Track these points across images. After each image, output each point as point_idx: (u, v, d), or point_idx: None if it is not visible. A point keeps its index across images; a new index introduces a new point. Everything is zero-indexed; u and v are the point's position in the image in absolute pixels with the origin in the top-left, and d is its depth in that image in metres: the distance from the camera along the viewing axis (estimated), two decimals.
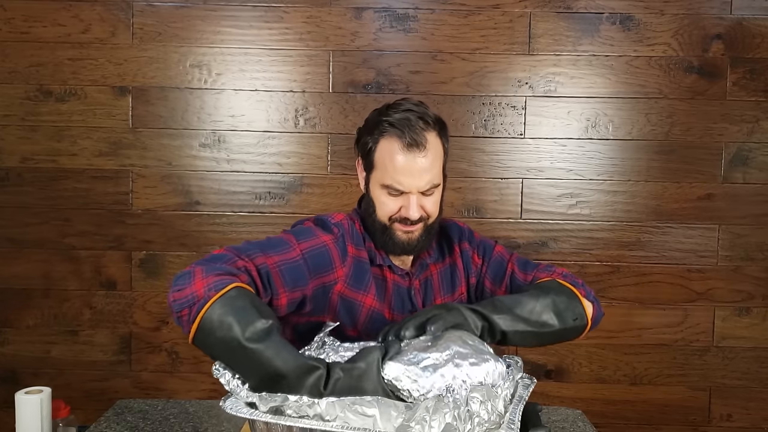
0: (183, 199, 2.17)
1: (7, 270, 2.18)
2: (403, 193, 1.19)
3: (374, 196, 1.23)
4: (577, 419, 1.43)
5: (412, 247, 1.23)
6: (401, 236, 1.21)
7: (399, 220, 1.20)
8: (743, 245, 2.18)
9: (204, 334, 0.95)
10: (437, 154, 1.21)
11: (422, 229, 1.22)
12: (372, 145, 1.22)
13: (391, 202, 1.20)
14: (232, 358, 0.93)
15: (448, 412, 0.80)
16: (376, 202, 1.22)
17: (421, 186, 1.18)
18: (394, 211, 1.20)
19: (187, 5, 2.14)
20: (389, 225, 1.22)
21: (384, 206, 1.21)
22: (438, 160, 1.21)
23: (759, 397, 2.21)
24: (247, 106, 2.16)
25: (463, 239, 1.35)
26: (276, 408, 0.85)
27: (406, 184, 1.18)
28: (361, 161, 1.26)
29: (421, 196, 1.20)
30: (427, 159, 1.18)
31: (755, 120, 2.16)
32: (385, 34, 2.15)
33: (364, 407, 0.81)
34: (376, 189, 1.22)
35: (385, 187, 1.20)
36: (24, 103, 2.15)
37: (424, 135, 1.18)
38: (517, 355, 1.06)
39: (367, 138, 1.23)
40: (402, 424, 0.79)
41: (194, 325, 0.96)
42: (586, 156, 2.17)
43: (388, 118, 1.20)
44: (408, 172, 1.17)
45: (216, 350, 0.95)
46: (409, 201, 1.19)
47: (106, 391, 2.19)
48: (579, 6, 2.14)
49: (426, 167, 1.18)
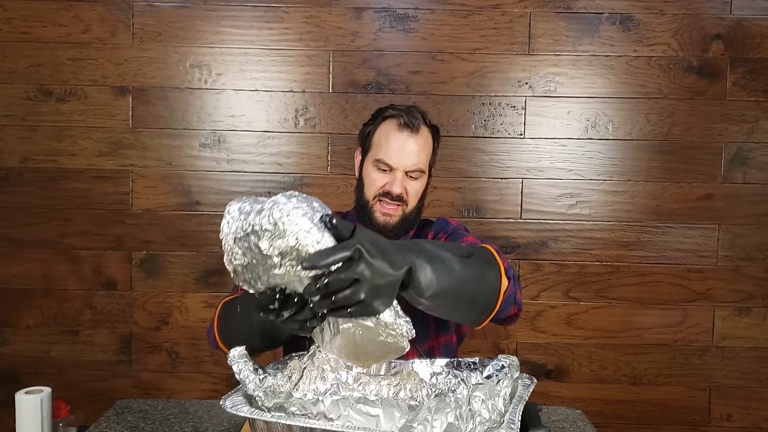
0: (183, 199, 2.17)
1: (7, 270, 2.18)
2: (392, 170, 1.32)
3: (365, 175, 1.36)
4: (577, 419, 1.43)
5: (388, 231, 1.33)
6: (380, 218, 1.33)
7: (382, 194, 1.32)
8: (743, 245, 2.18)
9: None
10: (427, 144, 1.34)
11: (400, 215, 1.33)
12: (372, 128, 1.37)
13: (379, 178, 1.33)
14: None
15: (449, 411, 0.80)
16: (366, 180, 1.35)
17: (408, 165, 1.31)
18: (380, 187, 1.32)
19: (187, 5, 2.14)
20: (372, 204, 1.34)
21: (372, 183, 1.33)
22: (426, 149, 1.34)
23: (759, 397, 2.21)
24: (247, 106, 2.16)
25: (439, 230, 1.39)
26: (280, 405, 0.85)
27: (395, 159, 1.31)
28: (360, 148, 1.40)
29: (406, 177, 1.32)
30: (417, 143, 1.32)
31: (755, 120, 2.16)
32: (385, 34, 2.15)
33: (368, 407, 0.82)
34: (368, 167, 1.35)
35: (376, 162, 1.33)
36: (24, 103, 2.15)
37: (420, 123, 1.33)
38: (516, 354, 1.05)
39: (369, 125, 1.38)
40: (405, 424, 0.79)
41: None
42: (586, 156, 2.17)
43: (393, 106, 1.36)
44: (399, 149, 1.31)
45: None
46: (394, 177, 1.31)
47: (106, 391, 2.19)
48: (579, 6, 2.14)
49: (415, 150, 1.32)
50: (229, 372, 2.12)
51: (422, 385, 1.03)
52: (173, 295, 2.19)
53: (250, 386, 0.90)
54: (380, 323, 0.83)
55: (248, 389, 0.90)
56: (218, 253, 2.18)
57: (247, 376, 0.92)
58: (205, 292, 2.18)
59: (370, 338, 0.84)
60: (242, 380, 0.92)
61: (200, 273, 2.18)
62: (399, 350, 0.86)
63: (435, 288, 0.87)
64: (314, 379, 1.00)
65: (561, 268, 2.19)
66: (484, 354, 2.09)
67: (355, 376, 1.04)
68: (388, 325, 0.83)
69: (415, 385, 1.04)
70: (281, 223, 0.77)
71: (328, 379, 1.02)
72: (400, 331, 0.84)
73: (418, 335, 1.28)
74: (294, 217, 0.77)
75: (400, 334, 0.84)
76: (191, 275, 2.19)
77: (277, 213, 0.78)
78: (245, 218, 0.81)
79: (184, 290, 2.19)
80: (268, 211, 0.78)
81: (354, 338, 0.84)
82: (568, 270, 2.19)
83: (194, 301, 2.19)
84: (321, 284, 0.77)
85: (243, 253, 0.83)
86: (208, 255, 2.18)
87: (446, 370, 1.04)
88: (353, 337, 0.84)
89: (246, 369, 0.93)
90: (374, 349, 0.85)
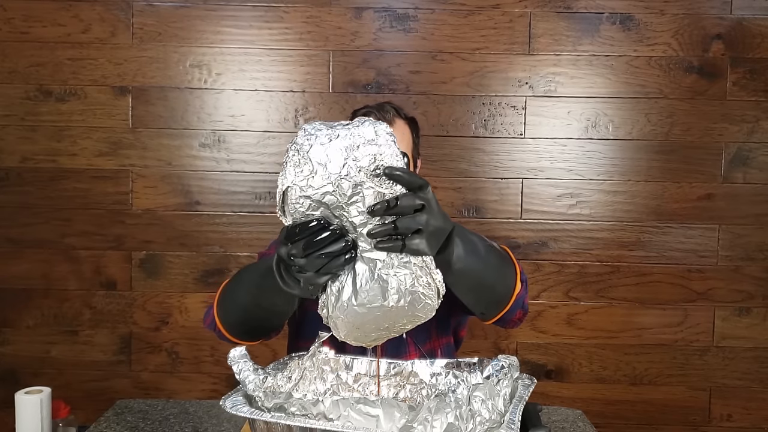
0: (183, 199, 2.17)
1: (7, 270, 2.18)
2: None
3: None
4: (577, 419, 1.43)
5: None
6: None
7: None
8: (743, 245, 2.18)
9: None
10: (404, 136, 1.33)
11: None
12: None
13: None
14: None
15: (450, 411, 0.80)
16: None
17: None
18: None
19: (187, 5, 2.14)
20: None
21: None
22: (404, 141, 1.33)
23: (759, 397, 2.21)
24: (247, 106, 2.16)
25: None
26: (280, 405, 0.85)
27: None
28: None
29: None
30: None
31: (755, 120, 2.16)
32: (385, 34, 2.15)
33: (368, 407, 0.81)
34: None
35: None
36: (24, 103, 2.15)
37: (392, 116, 1.32)
38: (516, 354, 1.05)
39: None
40: (405, 425, 0.79)
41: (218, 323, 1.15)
42: (586, 156, 2.17)
43: (366, 106, 1.37)
44: None
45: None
46: None
47: (106, 391, 2.19)
48: (579, 6, 2.14)
49: None
50: (229, 372, 2.12)
51: (422, 385, 1.03)
52: (173, 295, 2.19)
53: (250, 386, 0.90)
54: (425, 265, 0.82)
55: (248, 389, 0.90)
56: (218, 253, 2.19)
57: (247, 377, 0.92)
58: (204, 292, 2.18)
59: (406, 287, 0.81)
60: (242, 380, 0.92)
61: (200, 273, 2.18)
62: (427, 310, 0.84)
63: (463, 263, 0.90)
64: (314, 380, 1.00)
65: (561, 268, 2.19)
66: (484, 354, 2.09)
67: (355, 377, 1.04)
68: (431, 270, 0.83)
69: (415, 385, 1.04)
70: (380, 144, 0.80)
71: (327, 379, 1.02)
72: (439, 281, 0.84)
73: (419, 336, 1.29)
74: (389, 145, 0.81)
75: (436, 286, 0.83)
76: (191, 275, 2.19)
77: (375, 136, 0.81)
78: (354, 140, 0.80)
79: (184, 290, 2.19)
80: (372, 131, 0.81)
81: (382, 290, 0.81)
82: (568, 270, 2.19)
83: (194, 301, 2.19)
84: (392, 201, 0.79)
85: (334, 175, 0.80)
86: (208, 255, 2.18)
87: (446, 370, 1.04)
88: (380, 291, 0.81)
89: (246, 369, 0.92)
90: (400, 308, 0.82)
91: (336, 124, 0.83)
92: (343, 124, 0.82)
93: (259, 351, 2.17)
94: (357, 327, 0.86)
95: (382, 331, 0.87)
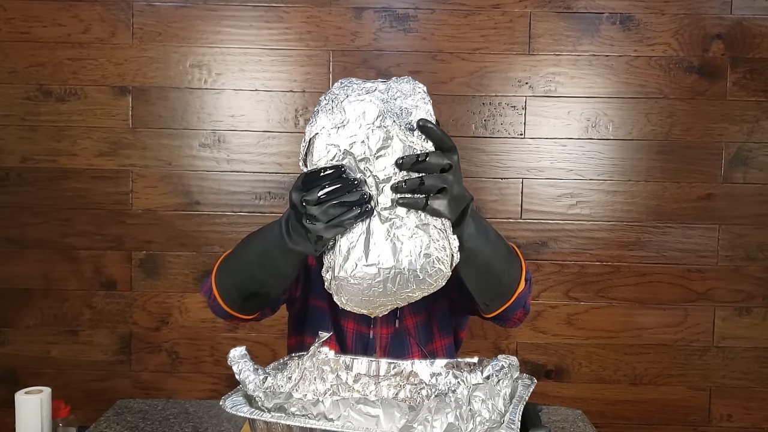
0: (183, 199, 2.17)
1: (7, 270, 2.18)
2: None
3: None
4: (577, 419, 1.43)
5: None
6: None
7: None
8: (743, 245, 2.18)
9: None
10: None
11: None
12: None
13: None
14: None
15: (450, 411, 0.80)
16: None
17: None
18: None
19: (187, 5, 2.14)
20: None
21: None
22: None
23: (759, 397, 2.21)
24: (247, 106, 2.16)
25: None
26: (280, 405, 0.85)
27: None
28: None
29: None
30: None
31: (755, 120, 2.16)
32: (385, 34, 2.15)
33: (368, 407, 0.81)
34: None
35: None
36: (24, 103, 2.15)
37: None
38: (516, 354, 1.05)
39: None
40: (405, 425, 0.79)
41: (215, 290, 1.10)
42: (586, 156, 2.17)
43: None
44: None
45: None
46: None
47: (106, 391, 2.19)
48: (579, 6, 2.14)
49: None
50: (229, 372, 2.12)
51: (422, 385, 1.03)
52: (173, 295, 2.19)
53: (250, 386, 0.90)
54: (444, 227, 0.82)
55: (248, 389, 0.90)
56: (218, 254, 2.18)
57: (247, 377, 0.92)
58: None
59: (420, 249, 0.80)
60: (242, 380, 0.92)
61: (200, 273, 2.18)
62: (438, 276, 0.83)
63: (474, 242, 0.90)
64: (314, 380, 1.00)
65: (561, 268, 2.19)
66: (484, 354, 2.09)
67: (355, 377, 1.04)
68: (448, 235, 0.83)
69: (415, 385, 1.04)
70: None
71: (327, 379, 1.02)
72: (455, 246, 0.83)
73: (421, 336, 1.29)
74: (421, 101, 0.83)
75: (451, 251, 0.83)
76: (191, 275, 2.19)
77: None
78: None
79: (184, 290, 2.19)
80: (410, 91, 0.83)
81: (394, 251, 0.79)
82: (568, 270, 2.19)
83: (194, 301, 2.19)
84: (422, 156, 0.78)
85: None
86: (208, 255, 2.18)
87: (446, 370, 1.04)
88: (392, 251, 0.79)
89: (246, 369, 0.92)
90: (412, 271, 0.80)
91: (371, 81, 0.84)
92: (380, 81, 0.84)
93: (259, 351, 2.17)
94: (362, 291, 0.83)
95: (389, 297, 0.84)
